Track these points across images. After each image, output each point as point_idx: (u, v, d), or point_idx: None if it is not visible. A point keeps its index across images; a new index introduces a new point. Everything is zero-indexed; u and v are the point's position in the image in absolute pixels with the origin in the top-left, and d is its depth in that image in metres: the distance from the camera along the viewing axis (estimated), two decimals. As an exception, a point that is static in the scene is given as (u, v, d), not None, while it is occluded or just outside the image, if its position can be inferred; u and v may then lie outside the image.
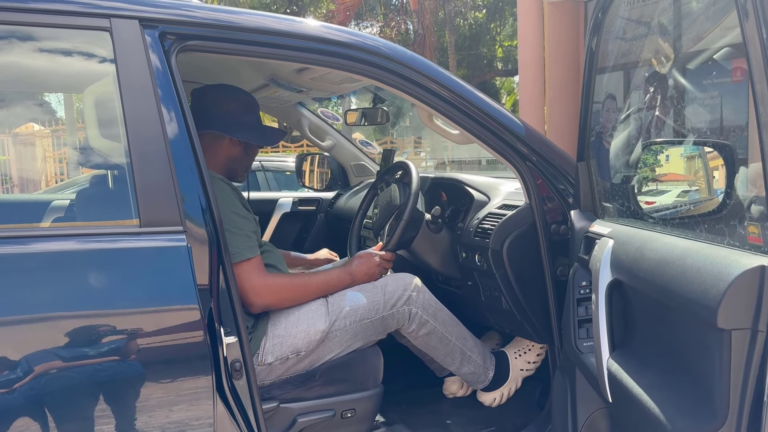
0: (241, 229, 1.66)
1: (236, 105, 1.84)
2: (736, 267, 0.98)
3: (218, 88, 1.87)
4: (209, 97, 1.83)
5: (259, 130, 1.89)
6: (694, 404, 1.09)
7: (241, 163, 1.89)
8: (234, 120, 1.81)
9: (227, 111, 1.82)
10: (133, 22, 1.38)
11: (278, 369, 1.69)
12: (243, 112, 1.85)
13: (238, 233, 1.64)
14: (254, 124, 1.87)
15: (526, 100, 7.66)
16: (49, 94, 3.24)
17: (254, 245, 1.68)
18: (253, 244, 1.67)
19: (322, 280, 1.80)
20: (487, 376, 2.01)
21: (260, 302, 1.67)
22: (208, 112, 1.80)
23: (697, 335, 1.11)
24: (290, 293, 1.74)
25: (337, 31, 1.64)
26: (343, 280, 1.83)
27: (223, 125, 1.80)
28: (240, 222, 1.66)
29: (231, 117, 1.81)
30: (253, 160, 1.95)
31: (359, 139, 3.78)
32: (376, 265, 1.87)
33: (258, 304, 1.67)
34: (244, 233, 1.66)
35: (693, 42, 2.06)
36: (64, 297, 1.25)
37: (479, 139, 1.77)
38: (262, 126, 1.91)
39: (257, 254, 1.68)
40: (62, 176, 4.87)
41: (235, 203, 1.69)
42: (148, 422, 1.30)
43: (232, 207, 1.67)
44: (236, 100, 1.86)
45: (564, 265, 1.77)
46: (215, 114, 1.80)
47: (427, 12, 15.49)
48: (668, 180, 1.71)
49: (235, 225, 1.64)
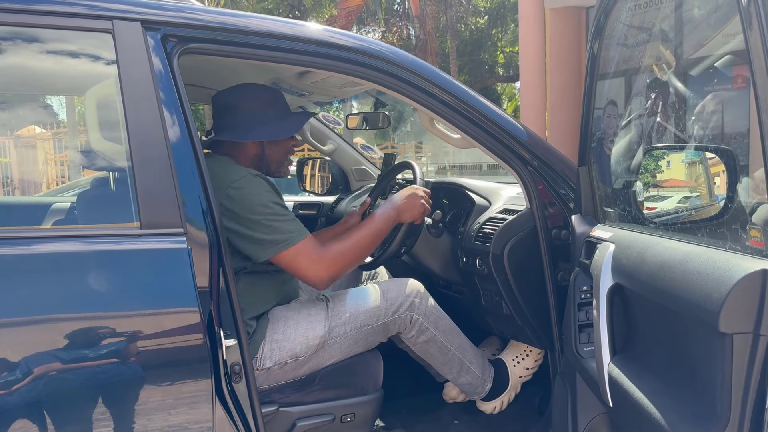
0: (287, 215, 1.66)
1: (252, 104, 1.79)
2: (737, 271, 0.98)
3: (234, 90, 1.82)
4: (226, 100, 1.80)
5: (277, 123, 1.82)
6: (695, 409, 1.09)
7: (273, 158, 1.84)
8: (252, 120, 1.77)
9: (244, 112, 1.77)
10: (136, 25, 1.38)
11: (277, 374, 1.69)
12: (261, 109, 1.79)
13: (286, 219, 1.64)
14: (272, 119, 1.81)
15: (528, 105, 7.67)
16: (50, 96, 3.24)
17: (302, 226, 1.67)
18: (300, 226, 1.67)
19: (370, 229, 1.74)
20: (485, 387, 2.00)
21: (324, 276, 1.65)
22: (226, 117, 1.78)
23: (698, 339, 1.10)
24: (351, 257, 1.70)
25: (340, 35, 1.64)
26: (389, 218, 1.78)
27: (239, 131, 1.77)
28: (283, 211, 1.66)
29: (249, 117, 1.77)
30: (287, 153, 1.89)
31: (360, 144, 3.78)
32: (420, 198, 1.83)
33: (323, 279, 1.65)
34: (290, 218, 1.66)
35: (694, 49, 2.07)
36: (64, 299, 1.25)
37: (480, 143, 1.77)
38: (280, 118, 1.83)
39: (308, 233, 1.67)
40: (63, 179, 4.87)
41: (275, 195, 1.68)
42: (147, 425, 1.30)
43: (273, 198, 1.66)
44: (252, 98, 1.80)
45: (565, 270, 1.76)
46: (232, 119, 1.78)
47: (429, 17, 15.52)
48: (669, 185, 1.71)
49: (279, 213, 1.64)
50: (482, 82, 17.96)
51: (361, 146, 3.50)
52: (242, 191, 1.62)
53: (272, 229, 1.61)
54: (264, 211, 1.62)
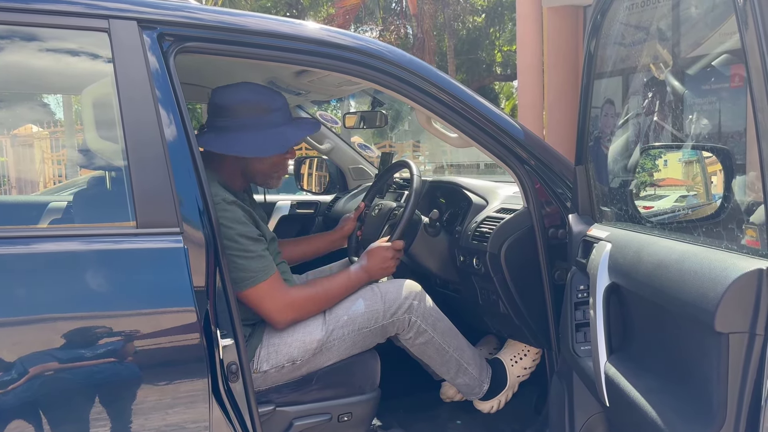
0: (253, 251, 1.61)
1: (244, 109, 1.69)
2: (733, 270, 0.98)
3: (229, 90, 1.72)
4: (219, 100, 1.71)
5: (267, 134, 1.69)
6: (691, 408, 1.09)
7: (257, 172, 1.78)
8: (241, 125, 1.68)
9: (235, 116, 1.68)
10: (132, 23, 1.38)
11: (274, 376, 1.68)
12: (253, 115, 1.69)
13: (251, 257, 1.60)
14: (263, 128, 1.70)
15: (525, 104, 7.68)
16: (47, 95, 3.24)
17: (269, 264, 1.64)
18: (267, 264, 1.63)
19: (342, 283, 1.77)
20: (482, 388, 1.99)
21: (285, 319, 1.66)
22: (217, 117, 1.70)
23: (694, 339, 1.10)
24: (313, 305, 1.72)
25: (337, 34, 1.64)
26: (360, 278, 1.80)
27: (221, 139, 1.67)
28: (251, 245, 1.61)
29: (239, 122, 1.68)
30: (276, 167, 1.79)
31: (358, 143, 3.78)
32: (390, 258, 1.84)
33: (283, 321, 1.66)
34: (256, 255, 1.61)
35: (691, 47, 2.07)
36: (60, 298, 1.25)
37: (477, 142, 1.77)
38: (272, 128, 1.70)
39: (274, 271, 1.64)
40: (60, 178, 4.86)
41: (246, 227, 1.61)
42: (143, 425, 1.30)
43: (241, 231, 1.59)
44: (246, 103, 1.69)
45: (562, 269, 1.77)
46: (222, 121, 1.69)
47: (427, 16, 15.52)
48: (666, 184, 1.71)
49: (246, 249, 1.59)
50: (480, 80, 17.97)
51: (359, 145, 3.50)
52: None
53: (236, 266, 1.58)
54: (231, 246, 1.56)
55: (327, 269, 2.19)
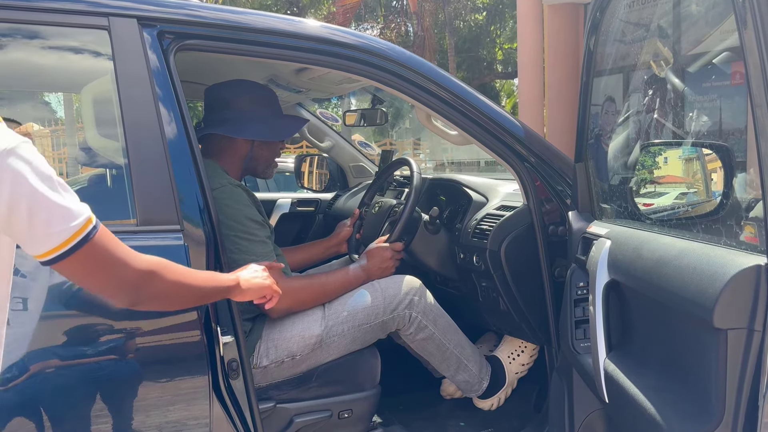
0: (257, 235, 1.65)
1: (246, 101, 1.79)
2: (732, 266, 0.98)
3: (229, 85, 1.82)
4: (220, 95, 1.80)
5: (271, 124, 1.82)
6: (690, 405, 1.09)
7: (261, 159, 1.85)
8: (245, 117, 1.77)
9: (238, 108, 1.78)
10: (132, 21, 1.38)
11: (274, 372, 1.68)
12: (255, 107, 1.80)
13: (254, 240, 1.64)
14: (265, 119, 1.82)
15: (526, 102, 7.68)
16: (47, 93, 3.23)
17: (271, 251, 1.68)
18: (269, 250, 1.67)
19: (339, 280, 1.79)
20: (482, 385, 2.00)
21: (280, 307, 1.65)
22: (218, 112, 1.78)
23: (693, 335, 1.11)
24: (309, 295, 1.74)
25: (337, 32, 1.64)
26: (359, 277, 1.82)
27: (230, 126, 1.76)
28: (256, 228, 1.66)
29: (242, 114, 1.77)
30: (275, 155, 1.89)
31: (358, 141, 3.77)
32: (389, 259, 1.86)
33: (278, 308, 1.65)
34: (260, 239, 1.66)
35: (692, 45, 2.07)
36: (60, 296, 1.25)
37: (478, 140, 1.77)
38: (275, 119, 1.84)
39: (273, 259, 1.67)
40: (61, 175, 4.87)
41: (251, 210, 1.67)
42: (144, 422, 1.30)
43: (248, 213, 1.65)
44: (247, 95, 1.81)
45: (562, 266, 1.77)
46: (224, 114, 1.78)
47: (427, 14, 15.50)
48: (666, 182, 1.71)
49: (250, 232, 1.63)
50: (480, 78, 17.94)
51: (359, 143, 3.49)
52: (218, 201, 1.58)
53: (239, 247, 1.61)
54: (236, 227, 1.61)
55: (327, 267, 2.20)
